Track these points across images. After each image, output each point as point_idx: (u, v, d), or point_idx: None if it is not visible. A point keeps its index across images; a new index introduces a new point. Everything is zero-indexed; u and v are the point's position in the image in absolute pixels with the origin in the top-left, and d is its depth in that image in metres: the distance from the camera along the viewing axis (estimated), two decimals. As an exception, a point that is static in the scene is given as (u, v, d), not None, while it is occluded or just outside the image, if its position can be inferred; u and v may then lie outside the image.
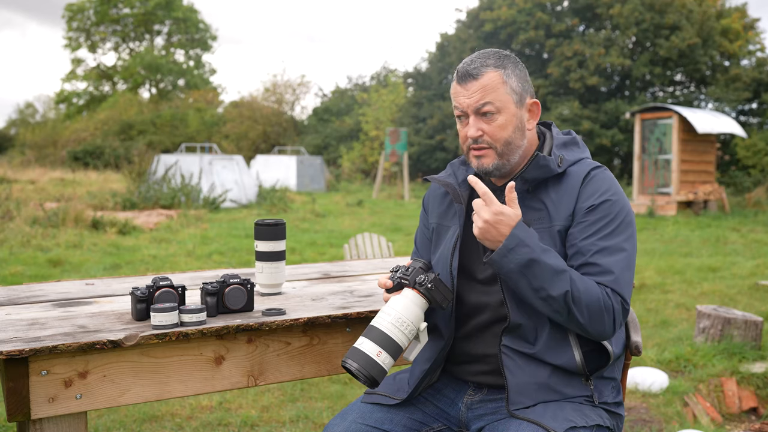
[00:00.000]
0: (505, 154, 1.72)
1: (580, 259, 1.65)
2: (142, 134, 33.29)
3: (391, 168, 20.86)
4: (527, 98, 1.75)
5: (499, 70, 1.70)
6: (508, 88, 1.70)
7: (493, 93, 1.69)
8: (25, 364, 1.58)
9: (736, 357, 4.21)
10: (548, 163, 1.70)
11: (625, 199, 1.72)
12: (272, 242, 2.13)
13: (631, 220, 1.70)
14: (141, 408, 3.50)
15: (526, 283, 1.60)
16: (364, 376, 1.59)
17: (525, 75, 1.76)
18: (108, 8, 42.18)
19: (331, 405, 3.66)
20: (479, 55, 1.74)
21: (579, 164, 1.74)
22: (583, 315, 1.59)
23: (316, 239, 9.83)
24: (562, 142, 1.79)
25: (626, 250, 1.66)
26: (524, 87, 1.74)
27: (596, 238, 1.65)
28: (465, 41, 24.28)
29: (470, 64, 1.71)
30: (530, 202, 1.72)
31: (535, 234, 1.63)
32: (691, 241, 10.32)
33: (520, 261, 1.58)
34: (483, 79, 1.69)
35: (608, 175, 1.73)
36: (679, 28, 21.02)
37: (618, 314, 1.62)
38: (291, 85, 34.97)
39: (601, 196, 1.68)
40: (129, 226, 10.16)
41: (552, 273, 1.58)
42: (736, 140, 19.51)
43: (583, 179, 1.70)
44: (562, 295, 1.57)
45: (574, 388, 1.69)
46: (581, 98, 22.57)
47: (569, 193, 1.69)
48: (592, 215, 1.67)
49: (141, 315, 1.82)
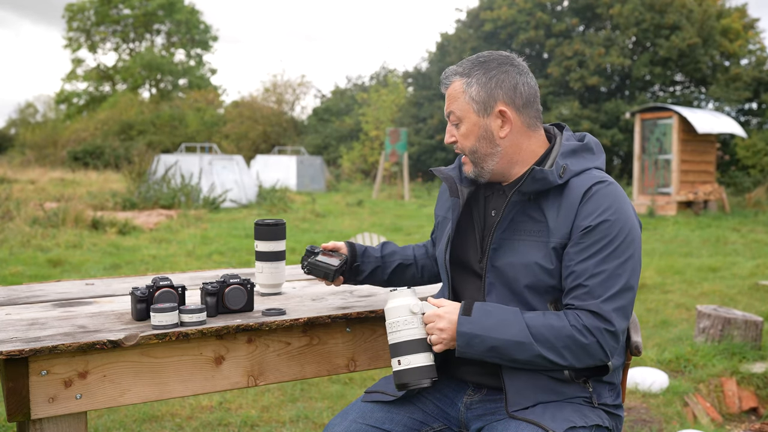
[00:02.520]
0: (476, 162, 1.73)
1: (574, 281, 1.62)
2: (142, 134, 33.29)
3: (391, 168, 20.84)
4: (495, 106, 1.70)
5: (463, 78, 1.72)
6: (467, 97, 1.70)
7: (454, 102, 1.73)
8: (25, 364, 1.58)
9: (736, 357, 4.21)
10: (546, 176, 1.63)
11: (626, 215, 1.64)
12: (272, 242, 2.13)
13: (631, 240, 1.62)
14: (141, 408, 3.50)
15: (499, 360, 1.63)
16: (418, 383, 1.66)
17: (499, 81, 1.69)
18: (108, 9, 42.19)
19: (331, 405, 3.66)
20: (461, 61, 1.76)
21: (583, 176, 1.67)
22: (565, 358, 1.59)
23: (316, 239, 9.83)
24: (571, 149, 1.71)
25: (625, 272, 1.60)
26: (491, 95, 1.69)
27: (592, 262, 1.60)
28: (465, 41, 24.29)
29: (445, 72, 1.76)
30: (531, 212, 1.69)
31: (478, 316, 1.61)
32: (691, 241, 10.32)
33: (481, 350, 1.61)
34: (450, 88, 1.74)
35: (611, 191, 1.65)
36: (679, 28, 21.02)
37: (603, 340, 1.58)
38: (291, 85, 34.98)
39: (600, 216, 1.61)
40: (129, 226, 10.16)
41: (514, 345, 1.59)
42: (736, 140, 19.50)
43: (582, 195, 1.63)
44: (536, 355, 1.59)
45: (572, 388, 1.68)
46: (581, 98, 22.57)
47: (568, 209, 1.64)
48: (588, 237, 1.61)
49: (141, 315, 1.82)
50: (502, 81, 1.70)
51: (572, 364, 1.60)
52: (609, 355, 1.61)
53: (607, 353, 1.60)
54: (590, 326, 1.57)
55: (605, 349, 1.59)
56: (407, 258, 2.06)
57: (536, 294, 1.67)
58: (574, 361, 1.59)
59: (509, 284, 1.69)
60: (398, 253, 2.06)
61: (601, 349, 1.59)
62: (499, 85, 1.70)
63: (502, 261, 1.69)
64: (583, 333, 1.57)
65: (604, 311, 1.58)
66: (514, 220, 1.70)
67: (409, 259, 2.06)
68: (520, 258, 1.67)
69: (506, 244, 1.70)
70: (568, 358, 1.58)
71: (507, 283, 1.69)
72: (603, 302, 1.58)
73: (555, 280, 1.65)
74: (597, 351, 1.59)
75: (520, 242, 1.68)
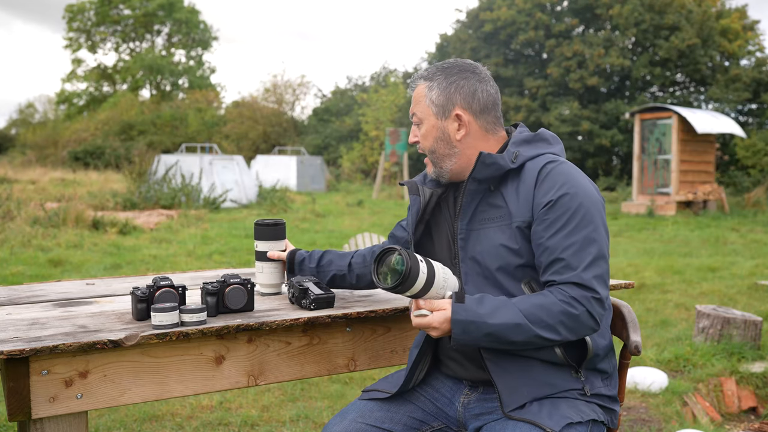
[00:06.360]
0: (435, 162, 1.81)
1: (548, 256, 1.65)
2: (142, 134, 33.29)
3: (391, 168, 20.86)
4: (453, 110, 1.77)
5: (426, 82, 1.81)
6: (428, 100, 1.79)
7: (417, 105, 1.82)
8: (25, 364, 1.59)
9: (735, 357, 4.22)
10: (496, 160, 1.70)
11: (585, 189, 1.68)
12: (272, 242, 2.14)
13: (595, 211, 1.67)
14: (141, 408, 3.50)
15: (496, 345, 1.62)
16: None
17: (458, 87, 1.77)
18: (108, 9, 42.20)
19: (331, 405, 3.67)
20: (428, 66, 1.85)
21: (536, 159, 1.73)
22: (560, 333, 1.60)
23: (317, 239, 9.83)
24: (522, 138, 1.78)
25: (595, 240, 1.64)
26: (450, 99, 1.77)
27: (562, 234, 1.63)
28: (465, 41, 24.28)
29: (413, 76, 1.84)
30: (491, 200, 1.74)
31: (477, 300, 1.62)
32: (691, 241, 10.33)
33: (477, 336, 1.60)
34: (415, 91, 1.83)
35: (565, 168, 1.70)
36: (679, 29, 21.04)
37: (592, 308, 1.61)
38: (291, 86, 34.99)
39: (558, 190, 1.66)
40: (129, 226, 10.16)
41: (511, 328, 1.59)
42: (735, 140, 19.51)
43: (537, 174, 1.69)
44: (533, 336, 1.59)
45: (564, 380, 1.70)
46: (581, 98, 22.58)
47: (526, 189, 1.70)
48: (552, 212, 1.65)
49: (141, 315, 1.83)
50: (461, 87, 1.78)
51: (567, 337, 1.62)
52: (599, 323, 1.64)
53: (597, 321, 1.63)
54: (577, 296, 1.60)
55: (594, 316, 1.62)
56: (341, 268, 2.11)
57: (508, 276, 1.70)
58: (569, 334, 1.61)
59: (482, 272, 1.73)
60: (334, 263, 2.12)
61: (591, 317, 1.62)
62: (458, 90, 1.78)
63: (472, 251, 1.74)
64: (572, 305, 1.60)
65: (586, 280, 1.61)
66: (477, 210, 1.75)
67: (343, 270, 2.11)
68: (487, 244, 1.72)
69: (473, 234, 1.75)
70: (563, 333, 1.60)
71: (480, 272, 1.73)
72: (582, 271, 1.61)
73: (523, 259, 1.69)
74: (588, 319, 1.61)
75: (485, 230, 1.73)
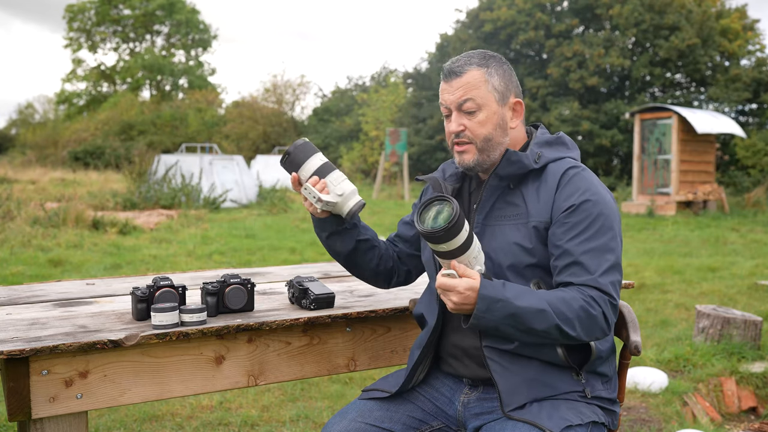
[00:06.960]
0: (485, 150, 1.76)
1: (566, 259, 1.66)
2: (142, 134, 33.29)
3: (391, 168, 20.85)
4: (510, 97, 1.78)
5: (482, 68, 1.76)
6: (490, 86, 1.75)
7: (474, 90, 1.74)
8: (25, 364, 1.59)
9: (735, 357, 4.22)
10: (521, 159, 1.72)
11: (605, 197, 1.71)
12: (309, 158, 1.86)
13: (614, 219, 1.70)
14: (141, 408, 3.50)
15: (513, 330, 1.61)
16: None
17: (510, 75, 1.79)
18: (108, 9, 42.20)
19: (331, 404, 3.67)
20: (465, 54, 1.79)
21: (559, 162, 1.75)
22: (576, 329, 1.61)
23: (317, 239, 9.82)
24: (545, 140, 1.81)
25: (613, 249, 1.66)
26: (507, 86, 1.78)
27: (581, 239, 1.65)
28: (465, 42, 24.27)
29: (455, 63, 1.77)
30: (510, 198, 1.75)
31: (502, 284, 1.61)
32: (691, 241, 10.33)
33: (499, 316, 1.58)
34: (466, 76, 1.75)
35: (587, 175, 1.73)
36: (679, 29, 21.02)
37: (608, 312, 1.63)
38: (291, 86, 34.99)
39: (581, 195, 1.68)
40: (129, 226, 10.16)
41: (534, 313, 1.58)
42: (735, 140, 19.50)
43: (560, 177, 1.71)
44: (553, 326, 1.59)
45: (565, 382, 1.70)
46: (581, 99, 22.56)
47: (547, 191, 1.71)
48: (573, 216, 1.67)
49: (141, 315, 1.83)
50: (512, 75, 1.80)
51: (580, 335, 1.62)
52: (611, 327, 1.65)
53: (610, 325, 1.65)
54: (596, 298, 1.62)
55: (609, 320, 1.64)
56: (376, 241, 2.00)
57: (517, 274, 1.70)
58: (583, 333, 1.62)
59: (492, 268, 1.72)
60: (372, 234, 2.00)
61: (605, 320, 1.63)
62: (512, 78, 1.80)
63: (486, 246, 1.73)
64: (591, 304, 1.61)
65: (603, 285, 1.63)
66: (494, 207, 1.76)
67: (376, 243, 2.00)
68: (501, 241, 1.72)
69: (487, 230, 1.75)
70: (578, 330, 1.61)
71: (491, 267, 1.72)
72: (600, 276, 1.63)
73: (535, 258, 1.70)
74: (602, 322, 1.63)
75: (500, 227, 1.74)
